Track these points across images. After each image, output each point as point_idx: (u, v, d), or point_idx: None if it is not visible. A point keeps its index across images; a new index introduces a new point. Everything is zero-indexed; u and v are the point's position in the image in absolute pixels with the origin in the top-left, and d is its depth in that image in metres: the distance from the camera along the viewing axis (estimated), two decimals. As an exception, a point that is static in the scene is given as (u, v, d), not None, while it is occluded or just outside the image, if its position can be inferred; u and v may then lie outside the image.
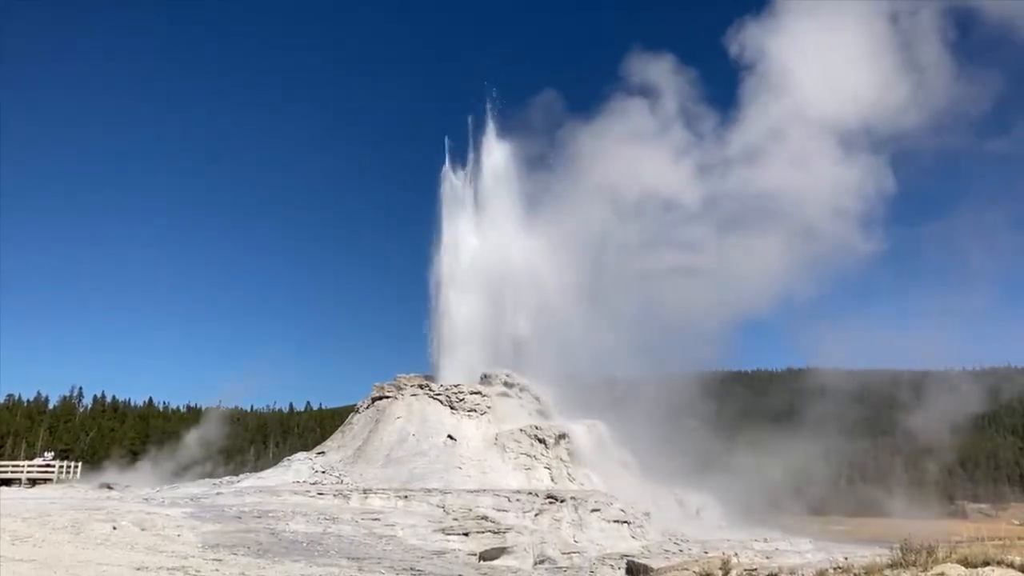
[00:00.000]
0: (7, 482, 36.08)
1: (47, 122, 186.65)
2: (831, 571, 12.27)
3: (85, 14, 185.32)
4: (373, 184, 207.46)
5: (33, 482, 36.81)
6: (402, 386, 35.07)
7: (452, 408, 33.43)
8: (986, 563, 9.03)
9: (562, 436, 32.76)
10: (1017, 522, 62.06)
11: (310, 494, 26.00)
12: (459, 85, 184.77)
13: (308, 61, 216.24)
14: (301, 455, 33.49)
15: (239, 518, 21.10)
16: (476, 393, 34.19)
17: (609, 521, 26.95)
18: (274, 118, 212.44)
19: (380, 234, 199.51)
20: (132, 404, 70.92)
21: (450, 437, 32.32)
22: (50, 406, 64.75)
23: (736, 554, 21.52)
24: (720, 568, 12.75)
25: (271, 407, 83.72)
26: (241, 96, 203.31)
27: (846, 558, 21.91)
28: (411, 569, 17.06)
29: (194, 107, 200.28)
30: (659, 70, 66.13)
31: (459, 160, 44.50)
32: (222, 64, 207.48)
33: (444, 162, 44.06)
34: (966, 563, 9.14)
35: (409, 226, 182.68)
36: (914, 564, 9.58)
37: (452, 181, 43.63)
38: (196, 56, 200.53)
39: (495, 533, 22.90)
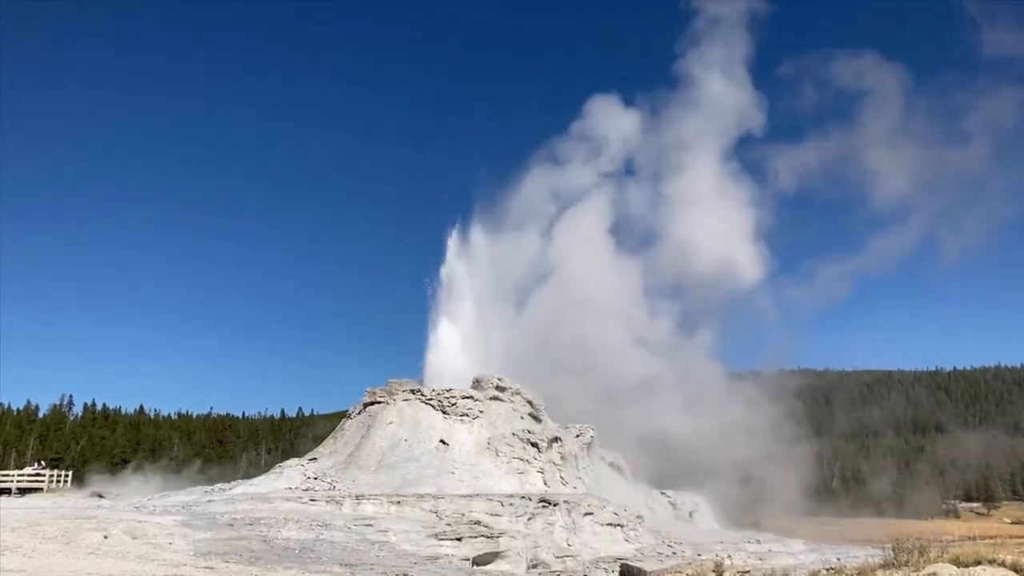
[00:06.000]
0: (-3, 491, 35.80)
1: (39, 127, 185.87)
2: (824, 572, 12.31)
3: (84, 14, 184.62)
4: (368, 190, 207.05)
5: (23, 491, 36.53)
6: (394, 391, 34.90)
7: (444, 413, 33.29)
8: (978, 562, 9.07)
9: (555, 440, 32.71)
10: (1008, 521, 62.53)
11: (302, 500, 25.89)
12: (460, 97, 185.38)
13: (312, 62, 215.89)
14: (293, 461, 33.32)
15: (231, 525, 21.00)
16: (468, 398, 34.05)
17: (602, 524, 26.92)
18: (271, 123, 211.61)
19: (373, 240, 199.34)
20: (123, 412, 70.41)
21: (442, 442, 32.19)
22: (40, 414, 64.20)
23: (729, 556, 21.60)
24: (713, 571, 12.78)
25: (263, 413, 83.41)
26: (235, 97, 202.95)
27: (839, 559, 22.07)
28: (404, 575, 17.02)
29: (187, 109, 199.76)
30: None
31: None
32: (221, 64, 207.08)
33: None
34: (958, 562, 9.18)
35: (404, 232, 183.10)
36: (906, 564, 9.62)
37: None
38: (197, 56, 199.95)
39: (488, 538, 22.86)
